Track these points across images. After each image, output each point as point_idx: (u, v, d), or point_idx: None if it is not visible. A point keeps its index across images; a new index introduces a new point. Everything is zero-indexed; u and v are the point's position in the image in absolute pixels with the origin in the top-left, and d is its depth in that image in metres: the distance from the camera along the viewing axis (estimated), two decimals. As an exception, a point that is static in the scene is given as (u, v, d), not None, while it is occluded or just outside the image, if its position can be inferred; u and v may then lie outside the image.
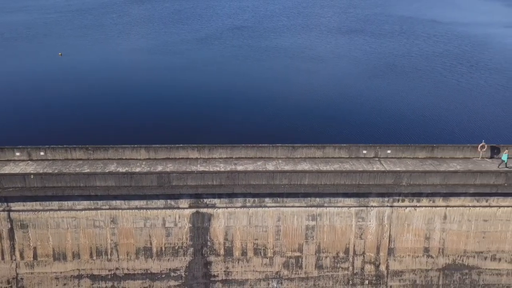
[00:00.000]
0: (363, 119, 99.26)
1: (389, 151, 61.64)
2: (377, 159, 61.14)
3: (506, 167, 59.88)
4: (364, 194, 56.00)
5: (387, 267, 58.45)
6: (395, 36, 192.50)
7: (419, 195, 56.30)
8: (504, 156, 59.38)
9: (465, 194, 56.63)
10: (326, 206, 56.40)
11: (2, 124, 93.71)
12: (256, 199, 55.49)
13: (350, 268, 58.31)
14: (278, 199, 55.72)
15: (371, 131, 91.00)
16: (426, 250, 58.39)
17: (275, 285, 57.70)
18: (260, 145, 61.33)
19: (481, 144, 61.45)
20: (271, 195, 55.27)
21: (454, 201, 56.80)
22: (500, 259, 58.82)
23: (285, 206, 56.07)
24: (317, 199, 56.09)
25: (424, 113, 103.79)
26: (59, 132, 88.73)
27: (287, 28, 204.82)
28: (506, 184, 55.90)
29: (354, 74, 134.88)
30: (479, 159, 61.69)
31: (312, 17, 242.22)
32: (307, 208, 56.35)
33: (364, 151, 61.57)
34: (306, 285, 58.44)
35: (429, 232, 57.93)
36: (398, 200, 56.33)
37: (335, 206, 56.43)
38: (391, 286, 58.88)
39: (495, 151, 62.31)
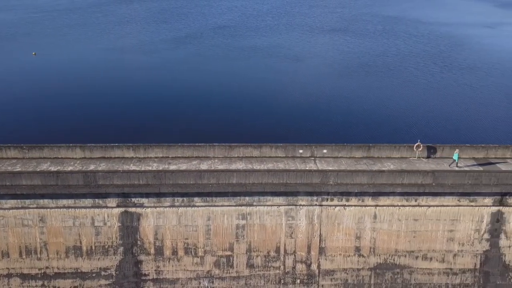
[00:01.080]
0: (319, 117, 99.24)
1: (325, 151, 61.86)
2: (312, 158, 61.38)
3: (457, 166, 59.50)
4: (292, 193, 56.25)
5: (318, 266, 58.60)
6: (376, 36, 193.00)
7: (347, 194, 56.46)
8: (455, 156, 59.98)
9: (393, 194, 56.76)
10: (256, 205, 56.53)
11: None
12: (185, 199, 55.75)
13: (282, 267, 58.49)
14: (207, 198, 55.94)
15: (322, 130, 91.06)
16: (357, 249, 58.49)
17: (206, 284, 57.93)
18: (197, 144, 61.59)
19: (416, 144, 61.72)
20: (199, 194, 55.51)
21: (383, 200, 56.95)
22: (431, 259, 59.04)
23: (215, 206, 56.25)
24: (247, 198, 56.25)
25: (381, 112, 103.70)
26: (13, 130, 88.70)
27: (270, 28, 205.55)
28: (434, 184, 56.09)
29: (322, 73, 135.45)
30: (416, 158, 61.90)
31: (297, 17, 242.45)
32: (236, 207, 56.51)
33: (300, 151, 61.81)
34: (238, 284, 58.47)
35: (359, 232, 58.07)
36: (327, 199, 56.53)
37: (264, 205, 56.57)
38: (323, 285, 58.98)
39: (431, 151, 62.54)
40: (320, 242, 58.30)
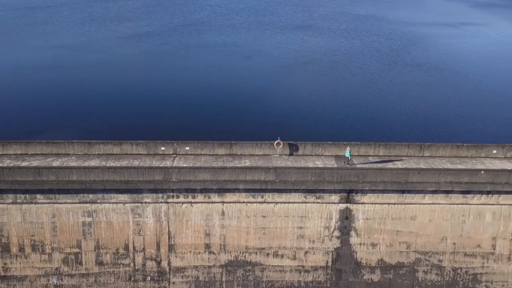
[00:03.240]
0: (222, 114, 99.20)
1: (187, 148, 61.90)
2: (174, 155, 61.17)
3: (349, 163, 59.77)
4: (136, 190, 56.05)
5: (169, 264, 58.58)
6: (336, 34, 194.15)
7: (192, 191, 56.44)
8: (347, 153, 59.86)
9: (238, 190, 56.63)
10: (100, 203, 56.56)
11: None
12: (27, 196, 55.81)
13: (131, 264, 58.52)
14: (50, 195, 56.08)
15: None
16: (207, 246, 58.52)
17: (55, 281, 58.00)
18: (56, 141, 61.41)
19: (276, 141, 61.65)
20: (41, 191, 55.56)
21: (229, 197, 56.94)
22: (282, 256, 58.97)
23: (58, 203, 56.44)
24: (90, 195, 56.32)
25: (293, 109, 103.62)
26: None
27: (232, 26, 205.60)
28: (277, 181, 55.90)
29: (262, 70, 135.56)
30: (277, 156, 61.66)
31: (267, 15, 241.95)
32: (81, 204, 56.65)
33: (162, 148, 61.71)
34: (87, 281, 58.56)
35: (208, 228, 58.07)
36: (173, 196, 56.54)
37: (109, 202, 56.62)
38: (174, 283, 58.92)
39: (293, 148, 62.51)
40: (169, 239, 58.18)
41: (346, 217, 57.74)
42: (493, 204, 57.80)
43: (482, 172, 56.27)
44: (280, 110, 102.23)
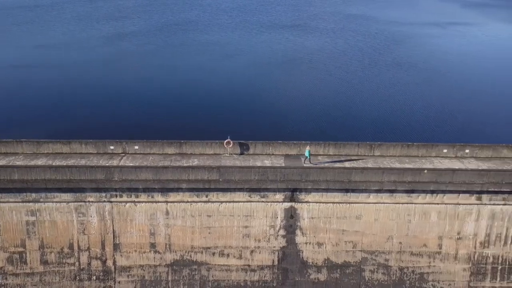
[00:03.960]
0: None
1: (136, 147, 61.83)
2: (123, 154, 61.12)
3: (310, 162, 59.99)
4: (79, 189, 55.99)
5: (114, 263, 58.53)
6: (323, 33, 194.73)
7: (135, 190, 56.39)
8: (307, 152, 60.05)
9: (182, 190, 56.44)
10: (44, 202, 56.63)
11: None
12: (-31, 195, 55.40)
13: (77, 263, 58.53)
14: (-8, 194, 55.56)
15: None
16: (153, 245, 58.44)
17: (-1, 280, 57.81)
18: (4, 140, 61.31)
19: (226, 141, 61.57)
20: (-18, 190, 55.13)
21: (173, 196, 56.87)
22: (228, 255, 58.95)
23: (1, 202, 56.27)
24: (33, 194, 56.39)
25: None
26: None
27: (222, 25, 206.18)
28: (220, 180, 55.79)
29: (236, 69, 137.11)
30: (228, 155, 61.57)
31: (257, 15, 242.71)
32: (24, 203, 56.62)
33: (111, 147, 61.70)
34: (32, 281, 58.58)
35: (153, 228, 58.00)
36: (116, 196, 56.53)
37: (52, 202, 56.71)
38: (119, 282, 58.92)
39: (244, 147, 62.39)
40: (114, 238, 58.12)
41: (291, 216, 57.61)
42: (438, 204, 57.65)
43: (425, 171, 56.15)
44: (247, 110, 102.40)
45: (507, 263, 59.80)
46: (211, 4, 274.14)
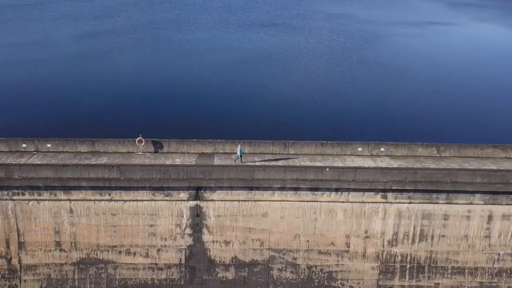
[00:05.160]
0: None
1: (49, 145, 61.93)
2: (35, 153, 61.01)
3: (242, 161, 60.30)
4: (-19, 187, 55.54)
5: (19, 261, 58.46)
6: (299, 32, 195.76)
7: (37, 188, 56.29)
8: (239, 151, 60.04)
9: (84, 188, 56.23)
10: None
11: None
12: None
13: (-19, 262, 57.98)
14: None
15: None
16: (58, 244, 58.39)
17: None
18: None
19: (138, 139, 61.40)
20: None
21: (76, 194, 56.87)
22: (135, 254, 58.86)
23: None
24: None
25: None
26: None
27: (200, 24, 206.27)
28: (122, 178, 55.64)
29: (196, 68, 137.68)
30: (141, 153, 61.35)
31: (239, 14, 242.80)
32: None
33: (24, 145, 61.63)
34: None
35: (58, 226, 57.90)
36: (18, 194, 56.22)
37: (-45, 200, 55.95)
38: (25, 280, 58.78)
39: (158, 146, 62.18)
40: (18, 237, 58.07)
41: (197, 214, 57.43)
42: (343, 202, 57.46)
43: (327, 169, 55.79)
44: (183, 108, 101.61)
45: (416, 261, 59.44)
46: (195, 4, 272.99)
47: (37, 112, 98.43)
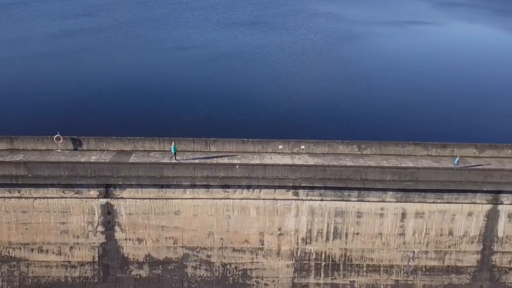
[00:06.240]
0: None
1: (-34, 143, 61.02)
2: (-48, 150, 60.48)
3: (176, 159, 60.26)
4: None
5: None
6: (276, 31, 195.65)
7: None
8: (173, 148, 59.95)
9: (-9, 186, 55.63)
10: None
11: None
12: None
13: None
14: None
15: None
16: (-32, 241, 57.58)
17: None
18: None
19: (56, 136, 61.08)
20: None
21: (-17, 192, 55.99)
22: (47, 251, 58.60)
23: None
24: None
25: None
26: None
27: (180, 23, 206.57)
28: (30, 175, 55.39)
29: (157, 65, 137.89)
30: (59, 151, 61.12)
31: (221, 13, 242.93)
32: None
33: None
34: None
35: (-32, 224, 57.15)
36: None
37: None
38: None
39: (77, 143, 61.98)
40: None
41: (109, 212, 57.19)
42: (255, 199, 57.18)
43: (237, 166, 55.41)
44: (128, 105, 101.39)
45: (331, 259, 59.10)
46: (180, 3, 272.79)
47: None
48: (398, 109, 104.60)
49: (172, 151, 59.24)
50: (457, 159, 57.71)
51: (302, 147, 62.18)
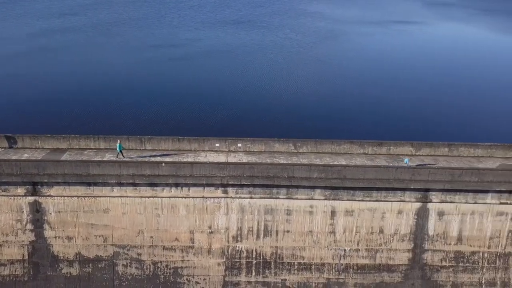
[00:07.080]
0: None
1: None
2: None
3: (123, 156, 60.30)
4: None
5: None
6: (260, 30, 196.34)
7: None
8: (118, 146, 59.81)
9: None
10: None
11: None
12: None
13: None
14: None
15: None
16: None
17: None
18: None
19: (-7, 134, 60.60)
20: None
21: None
22: (-20, 249, 57.79)
23: None
24: None
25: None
26: None
27: (163, 22, 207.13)
28: (-47, 173, 54.88)
29: (126, 64, 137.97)
30: (-5, 149, 60.84)
31: (208, 12, 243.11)
32: None
33: None
34: None
35: None
36: None
37: None
38: None
39: (11, 141, 61.83)
40: None
41: (37, 210, 56.94)
42: (184, 197, 56.84)
43: (163, 164, 55.13)
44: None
45: (262, 257, 58.81)
46: (171, 2, 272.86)
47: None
48: (363, 108, 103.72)
49: (118, 149, 58.63)
50: (406, 159, 57.35)
51: (239, 145, 61.81)
